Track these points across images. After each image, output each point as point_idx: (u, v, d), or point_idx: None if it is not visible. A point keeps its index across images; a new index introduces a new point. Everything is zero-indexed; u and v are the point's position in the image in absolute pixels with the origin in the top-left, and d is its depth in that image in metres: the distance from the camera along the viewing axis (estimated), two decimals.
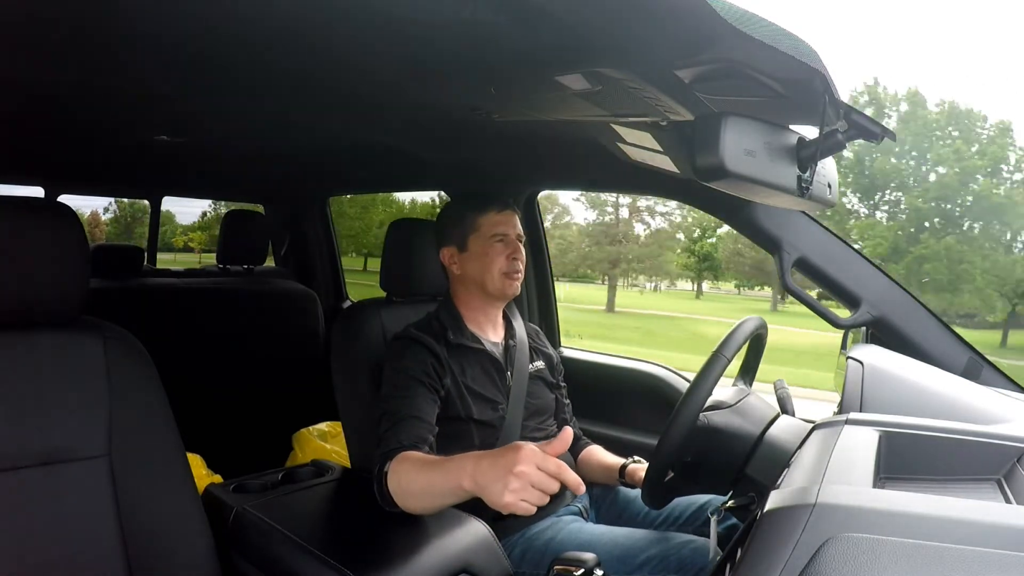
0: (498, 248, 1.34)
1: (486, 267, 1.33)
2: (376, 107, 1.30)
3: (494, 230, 1.34)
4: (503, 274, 1.33)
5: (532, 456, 0.82)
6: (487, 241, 1.34)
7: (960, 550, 0.51)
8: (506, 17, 0.72)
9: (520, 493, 0.81)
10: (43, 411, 0.91)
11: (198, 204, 40.74)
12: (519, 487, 0.81)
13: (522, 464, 0.81)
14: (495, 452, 0.89)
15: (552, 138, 1.43)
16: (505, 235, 1.34)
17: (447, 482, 0.93)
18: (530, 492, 0.82)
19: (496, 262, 1.33)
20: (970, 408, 0.98)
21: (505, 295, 1.36)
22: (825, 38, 27.98)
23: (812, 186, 0.83)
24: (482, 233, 1.34)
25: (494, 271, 1.33)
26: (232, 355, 2.29)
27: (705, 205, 1.45)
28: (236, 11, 0.78)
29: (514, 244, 1.35)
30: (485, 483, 0.85)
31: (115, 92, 1.25)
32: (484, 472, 0.86)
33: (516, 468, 0.81)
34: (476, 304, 1.38)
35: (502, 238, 1.34)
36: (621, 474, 1.40)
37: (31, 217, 0.92)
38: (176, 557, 0.98)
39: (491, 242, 1.34)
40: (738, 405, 1.15)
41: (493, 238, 1.34)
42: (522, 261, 1.36)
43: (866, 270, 1.30)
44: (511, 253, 1.34)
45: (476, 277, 1.35)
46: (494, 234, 1.34)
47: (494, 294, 1.35)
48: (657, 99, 0.83)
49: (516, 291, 1.36)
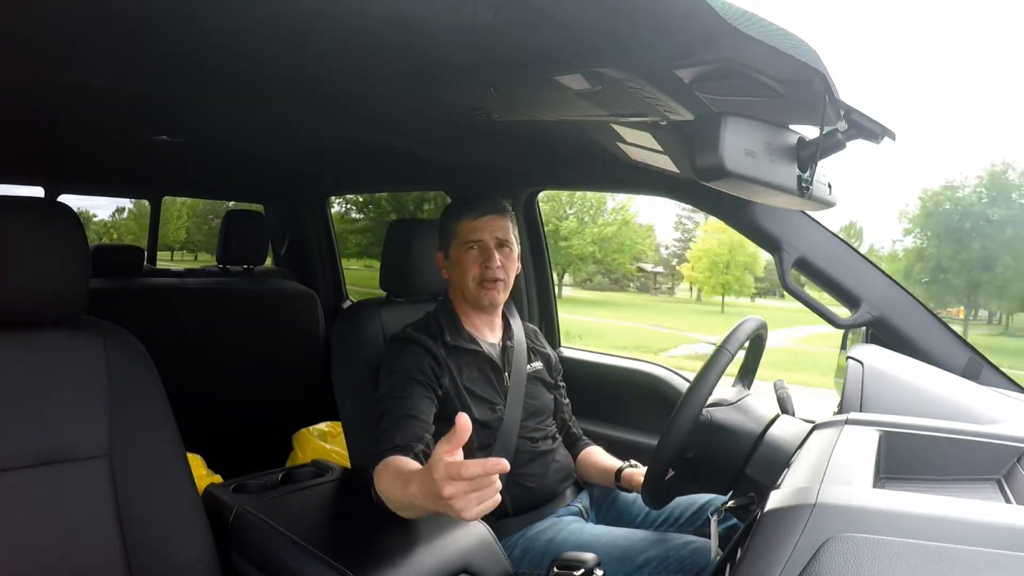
0: (472, 255, 1.32)
1: (461, 275, 1.33)
2: (376, 107, 1.30)
3: (468, 236, 1.32)
4: (477, 282, 1.32)
5: (447, 477, 0.78)
6: (462, 248, 1.33)
7: (960, 550, 0.51)
8: (506, 17, 0.72)
9: (470, 509, 0.79)
10: (43, 411, 0.91)
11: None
12: (463, 505, 0.79)
13: (446, 489, 0.78)
14: (423, 481, 0.85)
15: (552, 138, 1.43)
16: (479, 241, 1.32)
17: (411, 501, 0.91)
18: (474, 501, 0.79)
19: (470, 270, 1.32)
20: (970, 408, 0.98)
21: (480, 304, 1.34)
22: (825, 38, 27.91)
23: (812, 186, 0.83)
24: (459, 240, 1.33)
25: (467, 279, 1.32)
26: (232, 355, 2.29)
27: (705, 205, 1.45)
28: (236, 12, 0.78)
29: (488, 250, 1.32)
30: (441, 509, 0.83)
31: (115, 92, 1.25)
32: (431, 502, 0.84)
33: (444, 494, 0.78)
34: (467, 309, 1.37)
35: (474, 245, 1.32)
36: (617, 477, 1.38)
37: (31, 217, 0.92)
38: (176, 557, 0.98)
39: (464, 249, 1.32)
40: (739, 403, 1.15)
41: (466, 245, 1.32)
42: (500, 268, 1.32)
43: (866, 270, 1.30)
44: (485, 260, 1.31)
45: (457, 284, 1.35)
46: (466, 241, 1.32)
47: (471, 302, 1.34)
48: (657, 99, 0.83)
49: (493, 300, 1.33)
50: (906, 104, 34.40)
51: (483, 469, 0.76)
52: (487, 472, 0.77)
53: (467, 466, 0.76)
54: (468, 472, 0.76)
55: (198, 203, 18.19)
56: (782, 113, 0.82)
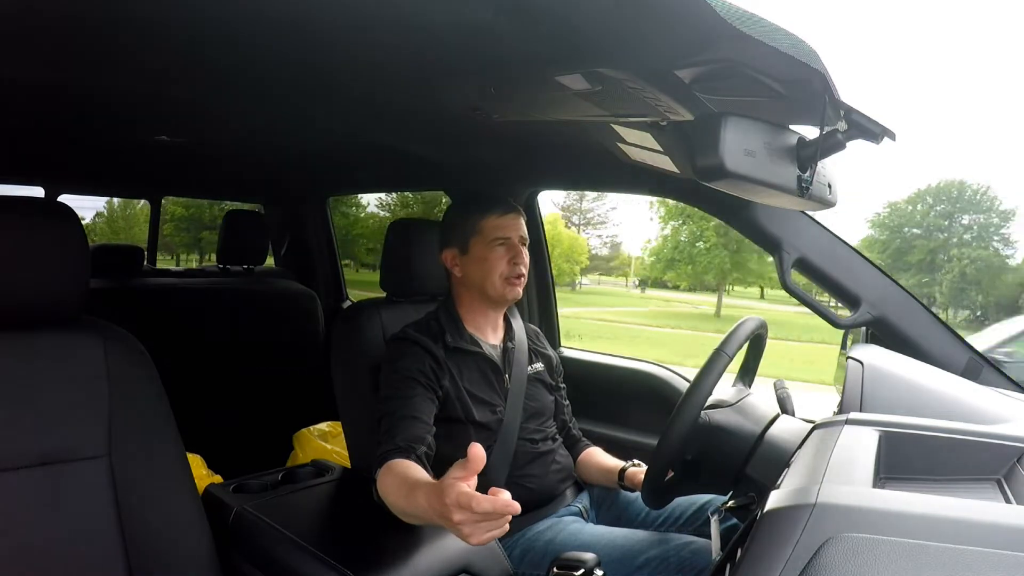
0: (500, 252, 1.32)
1: (487, 271, 1.32)
2: (376, 107, 1.30)
3: (496, 233, 1.33)
4: (504, 279, 1.32)
5: (458, 505, 0.77)
6: (488, 244, 1.33)
7: (960, 550, 0.51)
8: (506, 17, 0.72)
9: (478, 536, 0.78)
10: (43, 411, 0.91)
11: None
12: (471, 531, 0.78)
13: (455, 515, 0.77)
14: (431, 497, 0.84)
15: (552, 138, 1.43)
16: (507, 238, 1.33)
17: (415, 512, 0.91)
18: (482, 529, 0.78)
19: (497, 266, 1.32)
20: (970, 408, 0.98)
21: (506, 299, 1.35)
22: (826, 39, 27.88)
23: (812, 186, 0.83)
24: (484, 236, 1.33)
25: (495, 275, 1.32)
26: (232, 355, 2.29)
27: (705, 205, 1.45)
28: (236, 11, 0.78)
29: (516, 248, 1.34)
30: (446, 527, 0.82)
31: (115, 92, 1.25)
32: (437, 518, 0.83)
33: (454, 519, 0.78)
34: (476, 307, 1.37)
35: (504, 242, 1.33)
36: (620, 477, 1.38)
37: (31, 217, 0.92)
38: (176, 557, 0.98)
39: (492, 245, 1.32)
40: (739, 404, 1.15)
41: (495, 241, 1.33)
42: (525, 265, 1.34)
43: (866, 270, 1.30)
44: (513, 257, 1.33)
45: (477, 281, 1.34)
46: (495, 237, 1.33)
47: (494, 298, 1.34)
48: (657, 99, 0.83)
49: (517, 295, 1.35)
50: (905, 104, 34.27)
51: (493, 508, 0.76)
52: (497, 512, 0.76)
53: (479, 502, 0.75)
54: (480, 507, 0.75)
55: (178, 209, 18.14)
56: (782, 113, 0.82)
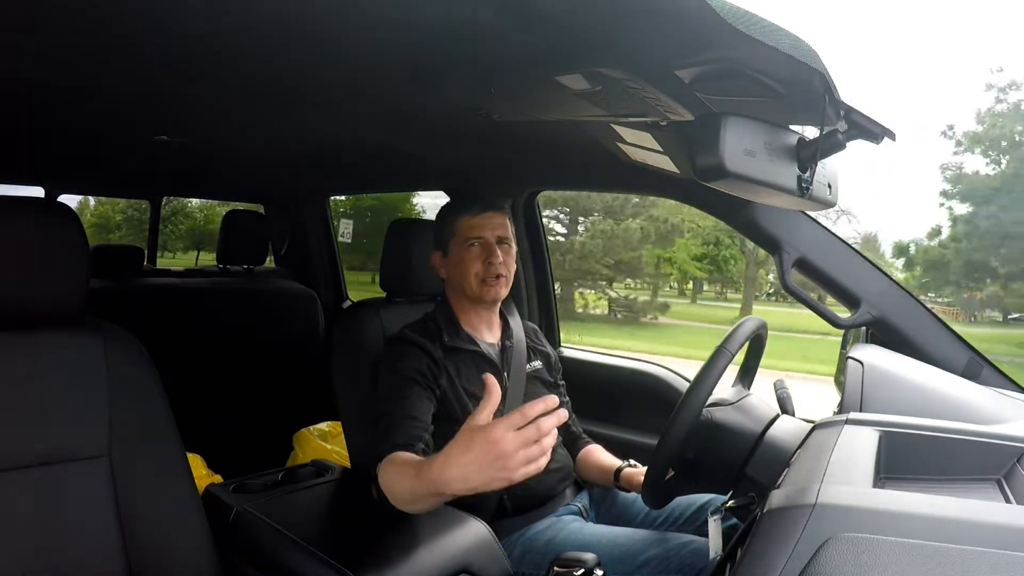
0: (474, 252, 1.32)
1: (463, 272, 1.32)
2: (376, 107, 1.30)
3: (469, 233, 1.32)
4: (480, 280, 1.31)
5: (502, 438, 0.75)
6: (462, 245, 1.32)
7: (960, 550, 0.51)
8: (506, 17, 0.72)
9: (519, 469, 0.77)
10: (43, 411, 0.91)
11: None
12: (515, 464, 0.76)
13: (501, 457, 0.76)
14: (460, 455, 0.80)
15: (552, 138, 1.43)
16: (480, 238, 1.32)
17: (425, 489, 0.89)
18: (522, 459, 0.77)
19: (472, 267, 1.31)
20: (970, 408, 0.98)
21: (483, 300, 1.34)
22: (826, 39, 27.78)
23: (812, 186, 0.83)
24: (459, 237, 1.33)
25: (470, 276, 1.31)
26: (232, 355, 2.29)
27: (705, 205, 1.45)
28: (236, 11, 0.78)
29: (490, 247, 1.32)
30: (477, 486, 0.80)
31: (115, 92, 1.25)
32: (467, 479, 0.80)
33: (497, 459, 0.76)
34: (467, 307, 1.37)
35: (476, 242, 1.32)
36: (616, 477, 1.38)
37: (31, 217, 0.92)
38: (176, 557, 0.98)
39: (466, 246, 1.32)
40: (739, 403, 1.15)
41: (467, 242, 1.32)
42: (502, 264, 1.32)
43: (866, 270, 1.30)
44: (487, 257, 1.31)
45: (457, 282, 1.34)
46: (468, 238, 1.32)
47: (473, 299, 1.34)
48: (657, 99, 0.83)
49: (496, 295, 1.33)
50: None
51: (537, 432, 0.77)
52: (539, 435, 0.77)
53: (524, 429, 0.76)
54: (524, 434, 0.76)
55: None
56: (782, 113, 0.82)
